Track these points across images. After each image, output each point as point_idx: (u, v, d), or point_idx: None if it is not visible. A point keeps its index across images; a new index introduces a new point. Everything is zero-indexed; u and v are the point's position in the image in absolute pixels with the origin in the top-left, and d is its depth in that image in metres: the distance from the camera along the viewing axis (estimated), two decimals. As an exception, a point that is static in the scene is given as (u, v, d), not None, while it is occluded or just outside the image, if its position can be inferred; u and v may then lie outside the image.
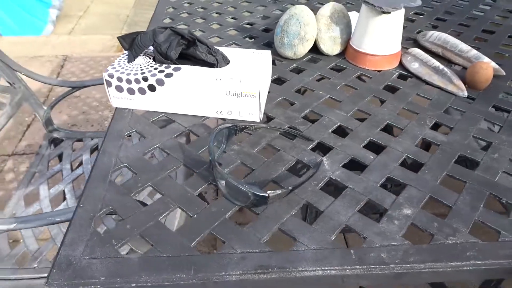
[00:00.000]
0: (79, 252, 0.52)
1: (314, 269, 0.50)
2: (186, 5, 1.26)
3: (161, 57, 0.76)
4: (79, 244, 0.53)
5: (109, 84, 0.75)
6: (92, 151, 1.24)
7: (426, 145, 0.71)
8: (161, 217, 0.57)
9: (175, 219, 1.02)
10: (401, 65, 0.93)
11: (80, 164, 1.19)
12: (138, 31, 0.78)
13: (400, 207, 0.58)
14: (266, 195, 0.55)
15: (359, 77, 0.90)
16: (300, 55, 0.94)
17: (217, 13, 1.21)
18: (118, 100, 0.77)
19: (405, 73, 0.91)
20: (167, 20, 1.16)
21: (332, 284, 0.52)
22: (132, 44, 0.78)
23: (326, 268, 0.50)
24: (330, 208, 0.58)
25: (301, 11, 0.90)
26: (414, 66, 0.90)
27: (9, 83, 1.23)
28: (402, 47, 0.99)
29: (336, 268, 0.50)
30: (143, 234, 0.55)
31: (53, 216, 0.82)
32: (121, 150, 0.68)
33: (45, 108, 1.31)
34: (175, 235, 0.54)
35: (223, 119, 0.76)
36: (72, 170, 1.18)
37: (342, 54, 0.97)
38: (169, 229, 0.55)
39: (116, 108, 0.78)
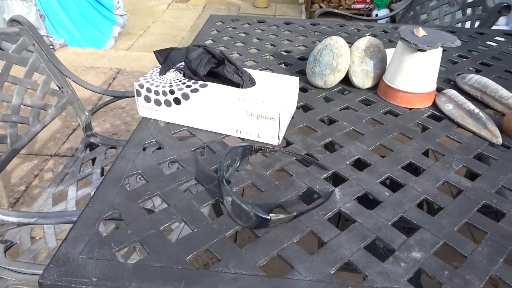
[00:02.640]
0: (78, 251, 0.53)
1: (306, 301, 0.48)
2: (230, 29, 1.31)
3: (191, 73, 0.78)
4: (79, 243, 0.54)
5: (138, 94, 0.78)
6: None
7: (448, 190, 0.67)
8: (162, 227, 0.57)
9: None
10: (434, 105, 0.89)
11: (110, 170, 1.23)
12: (173, 47, 0.82)
13: (409, 249, 0.55)
14: (268, 217, 0.54)
15: (387, 113, 0.88)
16: (331, 85, 0.93)
17: (258, 39, 1.24)
18: (146, 110, 0.80)
19: (437, 114, 0.87)
20: (209, 41, 1.20)
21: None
22: (166, 58, 0.81)
23: (318, 302, 0.48)
24: (334, 241, 0.56)
25: (336, 42, 0.90)
26: (447, 108, 0.86)
27: (58, 87, 1.31)
28: (438, 88, 0.96)
29: (329, 303, 0.48)
30: (142, 241, 0.55)
31: (72, 216, 0.84)
32: (138, 157, 0.70)
33: (87, 113, 1.39)
34: (173, 247, 0.54)
35: (242, 139, 0.76)
36: (102, 175, 1.22)
37: (373, 88, 0.95)
38: (169, 240, 0.55)
39: (143, 117, 0.81)
